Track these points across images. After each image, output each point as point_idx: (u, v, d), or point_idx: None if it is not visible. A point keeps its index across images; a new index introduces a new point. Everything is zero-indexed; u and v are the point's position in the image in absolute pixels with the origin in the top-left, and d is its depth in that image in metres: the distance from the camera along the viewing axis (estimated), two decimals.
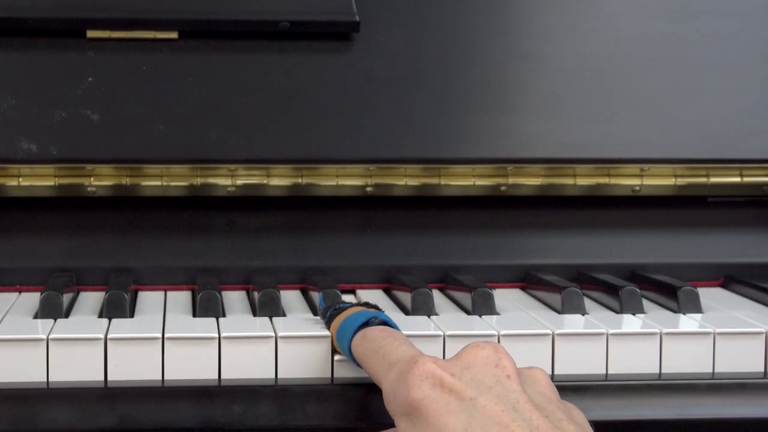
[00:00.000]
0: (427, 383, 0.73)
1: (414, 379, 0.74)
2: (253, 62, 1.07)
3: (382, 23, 1.09)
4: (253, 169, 1.07)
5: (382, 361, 0.78)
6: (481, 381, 0.73)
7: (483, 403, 0.72)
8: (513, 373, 0.74)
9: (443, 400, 0.73)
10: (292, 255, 1.08)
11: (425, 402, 0.73)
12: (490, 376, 0.73)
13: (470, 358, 0.75)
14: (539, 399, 0.74)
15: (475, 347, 0.75)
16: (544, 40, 1.11)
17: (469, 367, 0.74)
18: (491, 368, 0.74)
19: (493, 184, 1.09)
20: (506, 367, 0.74)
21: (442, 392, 0.73)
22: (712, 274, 1.10)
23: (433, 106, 1.08)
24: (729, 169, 1.11)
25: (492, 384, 0.73)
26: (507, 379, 0.73)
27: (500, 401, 0.72)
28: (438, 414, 0.72)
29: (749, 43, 1.12)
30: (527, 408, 0.71)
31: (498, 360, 0.74)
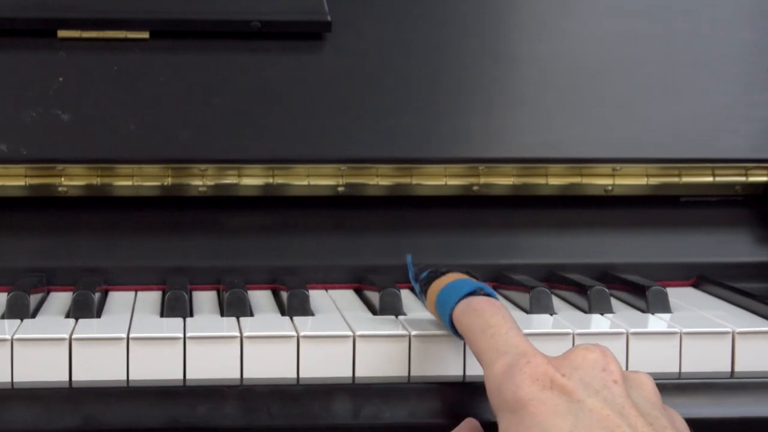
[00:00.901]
0: (537, 384, 0.73)
1: (525, 377, 0.74)
2: (224, 62, 1.07)
3: (355, 23, 1.09)
4: (224, 170, 1.07)
5: (489, 344, 0.78)
6: (589, 383, 0.73)
7: (590, 405, 0.72)
8: (620, 377, 0.74)
9: (552, 401, 0.73)
10: (263, 255, 1.08)
11: (533, 403, 0.73)
12: (597, 380, 0.74)
13: (579, 360, 0.75)
14: (644, 404, 0.74)
15: (584, 349, 0.75)
16: (517, 39, 1.11)
17: (578, 368, 0.74)
18: (599, 372, 0.74)
19: (466, 183, 1.09)
20: (613, 371, 0.74)
21: (552, 392, 0.73)
22: (684, 274, 1.10)
23: (406, 106, 1.08)
24: (701, 168, 1.11)
25: (599, 387, 0.73)
26: (614, 384, 0.73)
27: (607, 405, 0.72)
28: (546, 414, 0.72)
29: (723, 43, 1.12)
30: (632, 414, 0.72)
31: (606, 364, 0.74)
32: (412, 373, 0.88)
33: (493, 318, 0.79)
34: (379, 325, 0.91)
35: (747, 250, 1.12)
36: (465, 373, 0.89)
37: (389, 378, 0.88)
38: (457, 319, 0.82)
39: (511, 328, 0.79)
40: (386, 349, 0.88)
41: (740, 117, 1.10)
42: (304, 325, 0.91)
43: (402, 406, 0.86)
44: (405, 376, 0.88)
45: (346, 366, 0.88)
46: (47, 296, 1.03)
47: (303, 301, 0.95)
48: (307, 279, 1.06)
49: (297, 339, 0.88)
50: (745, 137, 1.10)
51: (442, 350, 0.88)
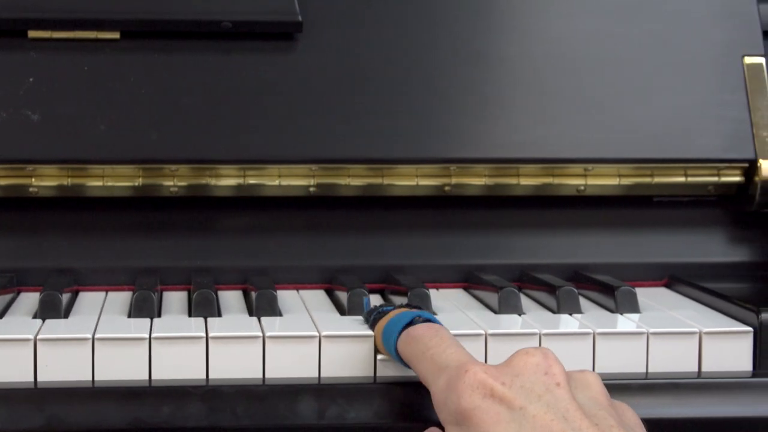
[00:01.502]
0: (477, 393, 0.73)
1: (465, 388, 0.74)
2: (195, 62, 1.07)
3: (326, 23, 1.09)
4: (196, 170, 1.07)
5: (430, 365, 0.78)
6: (530, 389, 0.73)
7: (533, 412, 0.72)
8: (563, 380, 0.74)
9: (494, 410, 0.73)
10: (235, 255, 1.08)
11: (476, 412, 0.73)
12: (539, 384, 0.73)
13: (520, 365, 0.75)
14: (590, 405, 0.74)
15: (525, 354, 0.75)
16: (490, 39, 1.11)
17: (519, 375, 0.74)
18: (541, 376, 0.74)
19: (438, 184, 1.09)
20: (556, 374, 0.74)
21: (493, 402, 0.73)
22: (656, 274, 1.10)
23: (377, 106, 1.08)
24: (674, 169, 1.10)
25: (542, 392, 0.73)
26: (557, 387, 0.73)
27: (550, 410, 0.72)
28: (488, 424, 0.72)
29: (694, 42, 1.12)
30: (577, 416, 0.72)
31: (548, 367, 0.74)
32: (378, 373, 0.88)
33: (432, 340, 0.80)
34: (346, 326, 0.91)
35: (720, 250, 1.12)
36: None
37: (355, 378, 0.88)
38: (401, 351, 0.83)
39: (450, 345, 0.79)
40: (352, 349, 0.88)
41: (712, 117, 1.10)
42: (271, 325, 0.91)
43: (367, 406, 0.86)
44: (371, 377, 0.88)
45: (311, 366, 0.88)
46: (17, 297, 1.03)
47: (271, 301, 0.95)
48: (279, 279, 1.06)
49: (263, 339, 0.88)
50: (717, 137, 1.10)
51: None
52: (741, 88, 1.11)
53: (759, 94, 1.11)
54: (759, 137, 1.10)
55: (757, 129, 1.10)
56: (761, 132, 1.10)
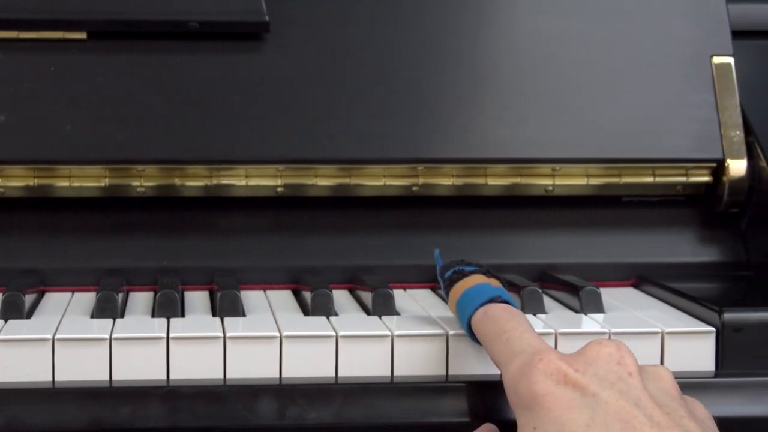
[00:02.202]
0: (551, 379, 0.74)
1: (539, 374, 0.75)
2: (162, 63, 1.07)
3: (294, 23, 1.09)
4: (163, 170, 1.07)
5: (504, 348, 0.79)
6: (603, 377, 0.74)
7: (605, 398, 0.73)
8: (635, 370, 0.75)
9: (567, 396, 0.73)
10: (202, 256, 1.08)
11: (549, 398, 0.74)
12: (612, 373, 0.74)
13: (593, 354, 0.76)
14: (661, 396, 0.75)
15: (598, 344, 0.76)
16: (458, 40, 1.11)
17: (592, 363, 0.75)
18: (614, 365, 0.75)
19: (406, 184, 1.09)
20: (628, 364, 0.75)
21: (566, 388, 0.74)
22: (624, 274, 1.10)
23: (345, 107, 1.08)
24: (642, 169, 1.10)
25: (614, 380, 0.74)
26: (629, 376, 0.74)
27: (622, 397, 0.73)
28: (561, 409, 0.73)
29: (663, 42, 1.12)
30: (649, 405, 0.73)
31: (620, 357, 0.75)
32: (340, 374, 0.88)
33: (509, 323, 0.81)
34: (308, 326, 0.91)
35: (688, 250, 1.12)
36: (393, 374, 0.88)
37: (316, 379, 0.88)
38: (475, 327, 0.84)
39: (526, 330, 0.80)
40: (313, 350, 0.88)
41: (680, 117, 1.10)
42: (234, 326, 0.91)
43: (327, 407, 0.86)
44: (332, 377, 0.88)
45: (273, 367, 0.88)
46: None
47: (234, 301, 0.95)
48: (246, 280, 1.06)
49: (224, 340, 0.88)
50: (685, 137, 1.10)
51: (369, 351, 0.88)
52: (709, 88, 1.11)
53: (727, 94, 1.11)
54: (727, 137, 1.10)
55: (725, 129, 1.10)
56: (729, 132, 1.10)
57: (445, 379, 0.89)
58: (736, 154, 1.10)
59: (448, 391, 0.87)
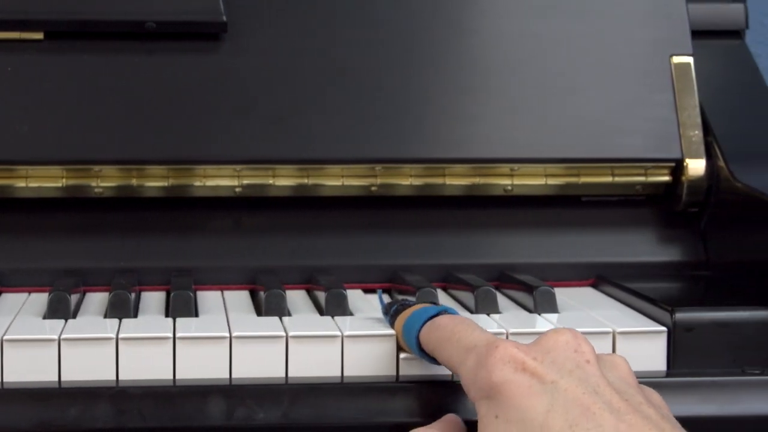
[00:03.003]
0: (509, 367, 0.74)
1: (496, 362, 0.75)
2: (120, 63, 1.07)
3: (253, 23, 1.09)
4: (122, 171, 1.07)
5: (457, 347, 0.79)
6: (561, 365, 0.74)
7: (564, 385, 0.73)
8: (592, 358, 0.75)
9: (525, 383, 0.73)
10: (159, 256, 1.08)
11: (507, 385, 0.74)
12: (570, 361, 0.75)
13: (550, 343, 0.76)
14: (619, 383, 0.75)
15: (555, 333, 0.76)
16: (416, 39, 1.11)
17: (550, 351, 0.75)
18: (571, 353, 0.75)
19: (365, 184, 1.09)
20: (585, 352, 0.75)
21: (524, 375, 0.74)
22: (583, 274, 1.10)
23: (303, 107, 1.08)
24: (600, 169, 1.11)
25: (572, 368, 0.74)
26: (586, 363, 0.75)
27: (581, 384, 0.73)
28: (520, 396, 0.73)
29: (622, 42, 1.12)
30: (607, 391, 0.73)
31: (577, 345, 0.76)
32: (291, 374, 0.88)
33: (457, 326, 0.81)
34: (259, 327, 0.90)
35: (648, 249, 1.12)
36: (343, 374, 0.88)
37: (266, 379, 0.88)
38: (424, 340, 0.84)
39: (475, 329, 0.80)
40: (263, 350, 0.88)
41: (639, 117, 1.10)
42: (185, 326, 0.91)
43: (276, 407, 0.85)
44: (282, 377, 0.88)
45: (223, 367, 0.88)
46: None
47: (186, 302, 0.94)
48: (204, 280, 1.06)
49: (173, 340, 0.87)
50: (643, 137, 1.10)
51: (319, 351, 0.88)
52: (669, 88, 1.11)
53: (686, 94, 1.11)
54: (686, 137, 1.10)
55: (684, 129, 1.10)
56: (688, 132, 1.10)
57: (395, 379, 0.89)
58: (695, 154, 1.10)
59: (398, 391, 0.87)
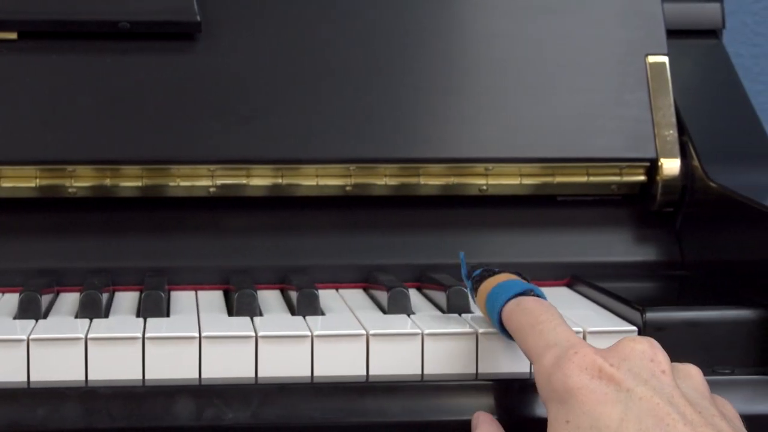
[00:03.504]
0: (586, 373, 0.75)
1: (573, 367, 0.75)
2: (93, 63, 1.07)
3: (227, 23, 1.09)
4: (97, 171, 1.07)
5: (538, 339, 0.80)
6: (637, 374, 0.75)
7: (639, 394, 0.73)
8: (668, 368, 0.76)
9: (601, 390, 0.74)
10: (134, 256, 1.07)
11: (583, 392, 0.74)
12: (646, 370, 0.75)
13: (627, 350, 0.76)
14: (693, 394, 0.76)
15: (632, 341, 0.77)
16: (391, 39, 1.11)
17: (626, 359, 0.76)
18: (647, 362, 0.76)
19: (340, 184, 1.09)
20: (661, 362, 0.76)
21: (601, 382, 0.74)
22: (559, 274, 1.10)
23: (278, 106, 1.08)
24: (575, 168, 1.10)
25: (648, 377, 0.75)
26: (662, 374, 0.75)
27: (656, 394, 0.73)
28: (595, 403, 0.74)
29: (596, 42, 1.12)
30: (681, 402, 0.73)
31: (653, 355, 0.76)
32: (260, 374, 0.88)
33: (542, 315, 0.81)
34: (230, 327, 0.90)
35: (623, 249, 1.12)
36: (313, 374, 0.88)
37: (236, 379, 0.87)
38: (506, 317, 0.84)
39: (560, 324, 0.81)
40: (233, 350, 0.88)
41: (614, 116, 1.10)
42: (156, 326, 0.90)
43: (245, 407, 0.86)
44: (252, 378, 0.88)
45: (192, 367, 0.88)
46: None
47: (158, 302, 0.94)
48: (178, 280, 1.06)
49: (142, 340, 0.87)
50: (618, 137, 1.10)
51: (289, 351, 0.88)
52: (643, 87, 1.11)
53: (661, 94, 1.11)
54: (660, 136, 1.10)
55: (659, 128, 1.10)
56: (663, 131, 1.10)
57: (365, 379, 0.89)
58: (670, 154, 1.10)
59: (368, 391, 0.87)
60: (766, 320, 0.93)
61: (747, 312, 0.93)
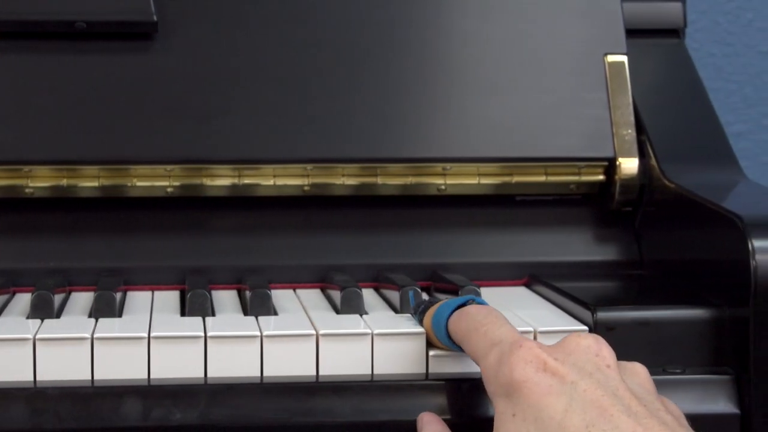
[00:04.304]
0: (531, 366, 0.75)
1: (518, 361, 0.76)
2: (50, 63, 1.07)
3: (184, 23, 1.09)
4: (54, 171, 1.07)
5: (483, 340, 0.80)
6: (582, 367, 0.76)
7: (584, 387, 0.74)
8: (613, 363, 0.77)
9: (545, 382, 0.75)
10: (91, 256, 1.07)
11: (527, 384, 0.75)
12: (590, 364, 0.76)
13: (572, 346, 0.77)
14: (638, 389, 0.77)
15: (577, 337, 0.78)
16: (349, 38, 1.11)
17: (571, 354, 0.77)
18: (592, 357, 0.77)
19: (298, 183, 1.09)
20: (606, 357, 0.77)
21: (545, 375, 0.75)
22: (518, 273, 1.10)
23: (235, 107, 1.08)
24: (533, 168, 1.10)
25: (592, 371, 0.75)
26: (607, 368, 0.76)
27: (600, 387, 0.74)
28: (539, 395, 0.74)
29: (555, 41, 1.12)
30: (626, 395, 0.74)
31: (598, 350, 0.77)
32: (210, 374, 0.88)
33: (486, 318, 0.82)
34: (181, 327, 0.90)
35: (582, 249, 1.12)
36: (263, 374, 0.88)
37: (186, 380, 0.87)
38: (452, 328, 0.85)
39: (503, 324, 0.81)
40: (183, 350, 0.88)
41: (572, 116, 1.10)
42: (107, 327, 0.90)
43: (193, 407, 0.85)
44: (201, 378, 0.88)
45: (141, 368, 0.87)
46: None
47: (110, 302, 0.94)
48: (134, 280, 1.06)
49: (92, 341, 0.87)
50: (576, 136, 1.10)
51: (240, 351, 0.88)
52: (602, 87, 1.11)
53: (620, 93, 1.11)
54: (619, 136, 1.10)
55: (617, 127, 1.10)
56: (621, 130, 1.10)
57: (315, 379, 0.89)
58: (628, 153, 1.10)
59: (317, 391, 0.87)
60: (717, 320, 0.93)
61: (699, 311, 0.93)
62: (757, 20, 1.68)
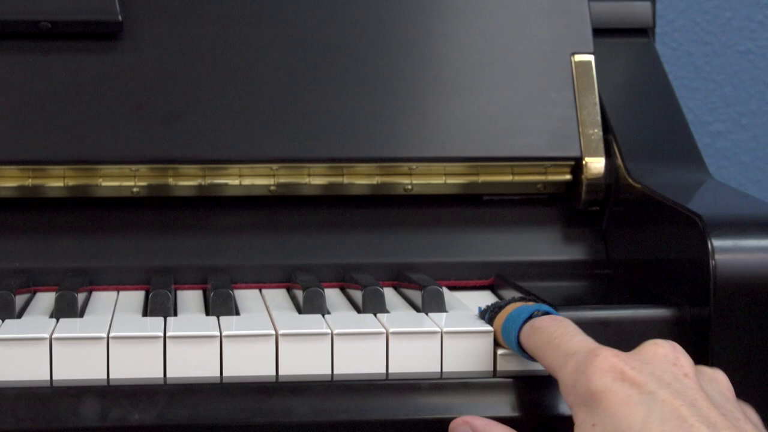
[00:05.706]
0: (608, 375, 0.76)
1: (595, 370, 0.76)
2: (14, 63, 1.07)
3: (149, 22, 1.09)
4: (18, 171, 1.06)
5: (557, 352, 0.80)
6: (660, 376, 0.75)
7: (662, 397, 0.74)
8: (691, 371, 0.76)
9: (624, 392, 0.75)
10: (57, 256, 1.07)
11: (606, 394, 0.75)
12: (668, 373, 0.76)
13: (649, 354, 0.77)
14: (717, 397, 0.76)
15: (654, 344, 0.78)
16: (316, 37, 1.11)
17: (648, 362, 0.76)
18: (669, 365, 0.76)
19: (264, 183, 1.09)
20: (683, 365, 0.77)
21: (623, 384, 0.75)
22: (484, 273, 1.10)
23: (200, 106, 1.08)
24: (500, 167, 1.10)
25: (670, 380, 0.75)
26: (684, 377, 0.76)
27: (679, 396, 0.74)
28: (618, 405, 0.74)
29: (521, 41, 1.12)
30: (705, 405, 0.74)
31: (676, 359, 0.77)
32: (169, 374, 0.88)
33: (557, 330, 0.82)
34: (140, 327, 0.90)
35: (549, 248, 1.11)
36: (222, 375, 0.88)
37: (143, 380, 0.87)
38: (524, 343, 0.85)
39: (576, 333, 0.81)
40: (142, 350, 0.88)
41: (538, 115, 1.10)
42: (67, 327, 0.90)
43: (152, 408, 0.85)
44: (160, 378, 0.88)
45: (100, 368, 0.87)
46: None
47: (71, 302, 0.94)
48: (100, 280, 1.06)
49: (50, 341, 0.87)
50: (542, 135, 1.10)
51: (199, 351, 0.88)
52: (569, 86, 1.11)
53: (587, 92, 1.11)
54: (585, 135, 1.10)
55: (583, 127, 1.10)
56: (588, 130, 1.10)
57: (275, 379, 0.88)
58: (594, 153, 1.10)
59: (275, 391, 0.87)
60: (679, 319, 0.93)
61: (660, 311, 0.93)
62: (735, 19, 1.67)
